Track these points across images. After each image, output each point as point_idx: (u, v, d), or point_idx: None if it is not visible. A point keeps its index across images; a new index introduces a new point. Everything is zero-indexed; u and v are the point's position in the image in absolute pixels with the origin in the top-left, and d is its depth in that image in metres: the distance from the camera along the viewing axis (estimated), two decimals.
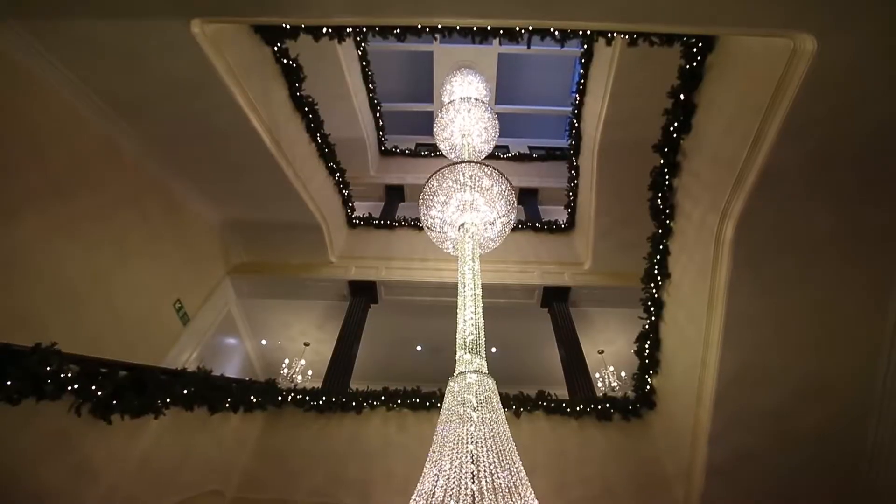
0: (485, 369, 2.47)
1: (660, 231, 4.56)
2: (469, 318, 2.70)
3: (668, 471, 4.57)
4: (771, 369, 3.71)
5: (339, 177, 7.47)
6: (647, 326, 4.86)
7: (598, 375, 8.04)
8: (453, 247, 3.97)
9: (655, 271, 4.61)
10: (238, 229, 6.96)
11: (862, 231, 3.34)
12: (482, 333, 2.65)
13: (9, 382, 2.04)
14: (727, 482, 3.97)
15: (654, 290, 4.70)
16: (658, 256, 4.58)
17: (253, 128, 5.00)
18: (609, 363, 8.27)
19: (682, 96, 4.06)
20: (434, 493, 1.92)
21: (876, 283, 3.49)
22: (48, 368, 2.25)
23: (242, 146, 5.27)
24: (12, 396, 2.08)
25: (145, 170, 5.32)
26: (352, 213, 8.21)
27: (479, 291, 2.94)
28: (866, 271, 3.46)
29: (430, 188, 4.10)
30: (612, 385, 7.79)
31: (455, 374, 2.45)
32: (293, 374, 8.07)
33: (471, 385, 2.33)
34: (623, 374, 7.90)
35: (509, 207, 4.01)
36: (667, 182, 4.40)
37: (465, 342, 2.57)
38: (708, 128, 3.91)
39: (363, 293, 7.22)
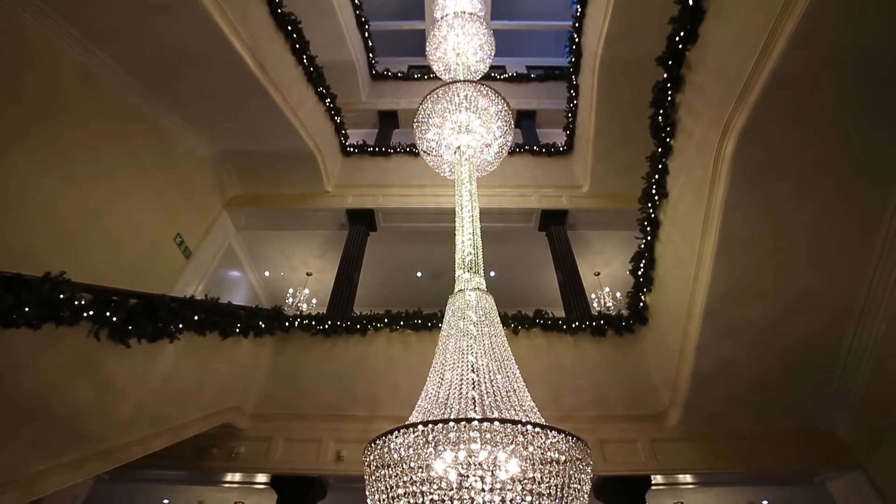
0: (483, 287, 2.56)
1: (659, 150, 4.48)
2: (467, 238, 2.75)
3: (656, 380, 4.89)
4: (760, 285, 3.82)
5: (329, 103, 7.20)
6: (642, 246, 4.94)
7: (593, 296, 8.29)
8: (450, 170, 3.92)
9: (653, 191, 4.60)
10: (230, 161, 6.82)
11: (860, 151, 3.29)
12: (480, 252, 2.71)
13: (27, 309, 2.13)
14: (710, 387, 4.26)
15: (651, 210, 4.72)
16: (657, 176, 4.55)
17: (234, 50, 4.74)
18: (605, 285, 8.51)
19: (690, 1, 3.81)
20: (438, 397, 2.08)
21: (868, 203, 3.51)
22: (61, 296, 2.33)
23: (225, 71, 5.02)
24: (32, 322, 2.18)
25: (127, 101, 5.11)
26: (345, 141, 8.01)
27: (476, 213, 2.96)
28: (859, 192, 3.46)
29: (424, 110, 3.97)
30: (608, 305, 8.06)
31: (455, 292, 2.55)
32: (298, 303, 8.31)
33: (470, 302, 2.43)
34: (618, 294, 8.16)
35: (507, 128, 3.91)
36: (669, 98, 4.25)
37: (463, 262, 2.64)
38: (715, 37, 3.70)
39: (361, 221, 7.25)
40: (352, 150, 8.08)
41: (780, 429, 4.52)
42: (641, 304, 5.16)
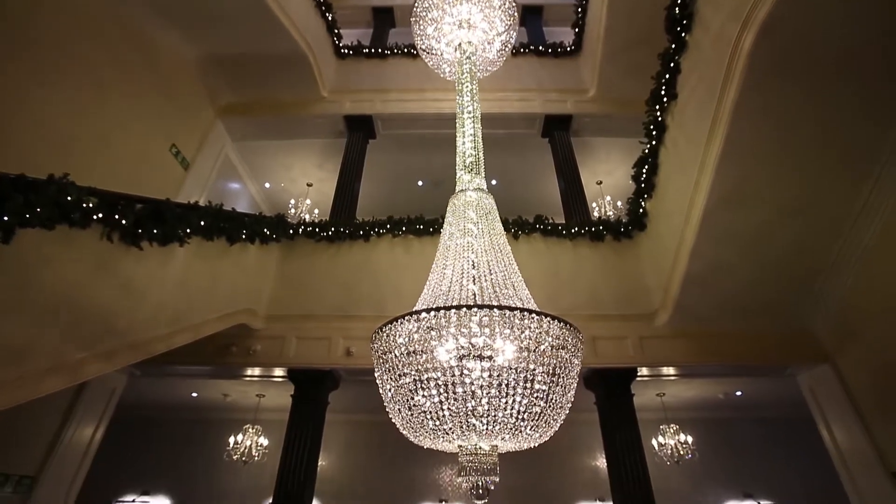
0: (484, 187, 2.58)
1: (673, 46, 4.23)
2: (468, 138, 2.71)
3: (650, 283, 5.09)
4: (760, 191, 3.81)
5: None
6: (646, 151, 4.87)
7: (594, 205, 8.29)
8: (450, 70, 3.74)
9: (662, 92, 4.42)
10: (219, 65, 6.44)
11: (882, 54, 3.09)
12: (481, 153, 2.69)
13: (38, 210, 2.18)
14: (700, 290, 4.45)
15: (659, 113, 4.57)
16: (667, 75, 4.34)
17: None
18: (607, 194, 8.47)
19: None
20: (440, 290, 2.20)
21: (879, 115, 3.39)
22: (69, 198, 2.37)
23: None
24: (45, 222, 2.25)
25: None
26: (339, 42, 7.52)
27: (478, 114, 2.88)
28: (878, 97, 3.31)
29: (421, 3, 3.68)
30: (608, 214, 8.10)
31: (456, 192, 2.57)
32: (300, 213, 8.35)
33: (470, 201, 2.47)
34: (619, 203, 8.16)
35: (510, 22, 3.66)
36: None
37: (464, 163, 2.63)
38: None
39: (360, 128, 7.05)
40: (346, 51, 7.62)
41: (762, 328, 4.80)
42: (641, 210, 5.21)
